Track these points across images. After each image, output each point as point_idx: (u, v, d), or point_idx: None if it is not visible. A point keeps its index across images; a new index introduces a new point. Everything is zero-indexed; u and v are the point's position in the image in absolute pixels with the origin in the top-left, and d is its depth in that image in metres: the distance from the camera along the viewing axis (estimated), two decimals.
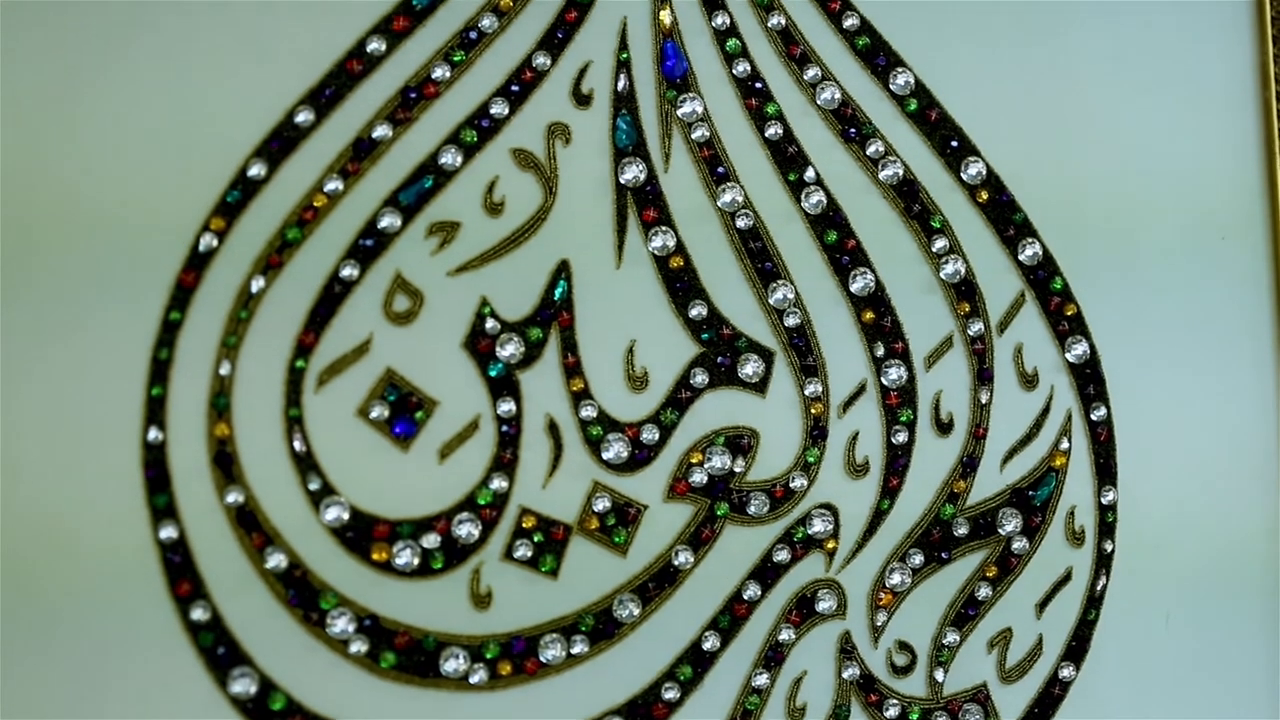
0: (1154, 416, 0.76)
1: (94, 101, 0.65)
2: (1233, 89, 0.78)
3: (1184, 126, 0.77)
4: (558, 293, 0.70)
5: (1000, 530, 0.74)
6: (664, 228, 0.71)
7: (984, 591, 0.74)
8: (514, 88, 0.70)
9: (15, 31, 0.64)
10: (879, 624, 0.72)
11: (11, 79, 0.64)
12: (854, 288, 0.73)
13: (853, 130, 0.73)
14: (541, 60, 0.70)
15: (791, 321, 0.72)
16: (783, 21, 0.73)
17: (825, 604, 0.72)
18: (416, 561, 0.67)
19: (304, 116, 0.67)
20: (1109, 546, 0.76)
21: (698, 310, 0.71)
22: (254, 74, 0.67)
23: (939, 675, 0.72)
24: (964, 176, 0.75)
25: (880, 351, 0.73)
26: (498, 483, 0.69)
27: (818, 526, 0.72)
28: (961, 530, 0.74)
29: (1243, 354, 0.78)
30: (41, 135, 0.64)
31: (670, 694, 0.70)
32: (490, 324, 0.69)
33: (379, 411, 0.67)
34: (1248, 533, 0.78)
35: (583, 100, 0.71)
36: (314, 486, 0.66)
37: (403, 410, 0.68)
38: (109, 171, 0.65)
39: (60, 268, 0.64)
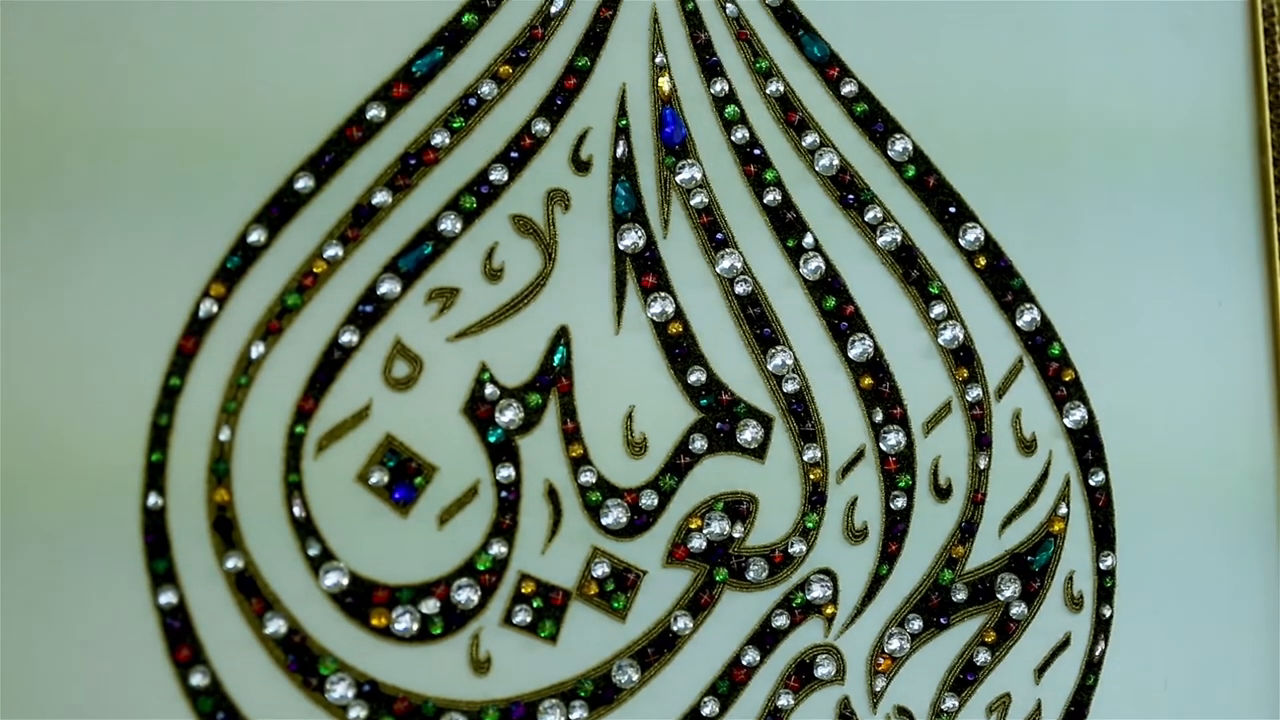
0: (1152, 482, 0.78)
1: (94, 165, 0.67)
2: (1228, 166, 0.81)
3: (1181, 198, 0.80)
4: (557, 358, 0.72)
5: (999, 595, 0.77)
6: (663, 294, 0.73)
7: (983, 656, 0.76)
8: (513, 154, 0.72)
9: (18, 107, 0.66)
10: (878, 689, 0.75)
11: (14, 152, 0.66)
12: (852, 353, 0.75)
13: (851, 196, 0.76)
14: (541, 127, 0.72)
15: (790, 387, 0.74)
16: (781, 88, 0.75)
17: (824, 669, 0.74)
18: (416, 627, 0.69)
19: (304, 183, 0.69)
20: (1108, 612, 0.78)
21: (696, 376, 0.73)
22: (253, 140, 0.69)
23: None
24: (962, 242, 0.77)
25: (879, 417, 0.75)
26: (497, 548, 0.70)
27: (816, 592, 0.74)
28: (960, 595, 0.76)
29: (1241, 422, 0.80)
30: (43, 207, 0.67)
31: None
32: (489, 390, 0.71)
33: (378, 477, 0.69)
34: (1247, 596, 0.80)
35: (582, 167, 0.73)
36: (313, 552, 0.68)
37: (402, 476, 0.70)
38: (108, 236, 0.67)
39: (60, 332, 0.66)
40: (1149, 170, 0.80)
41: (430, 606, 0.70)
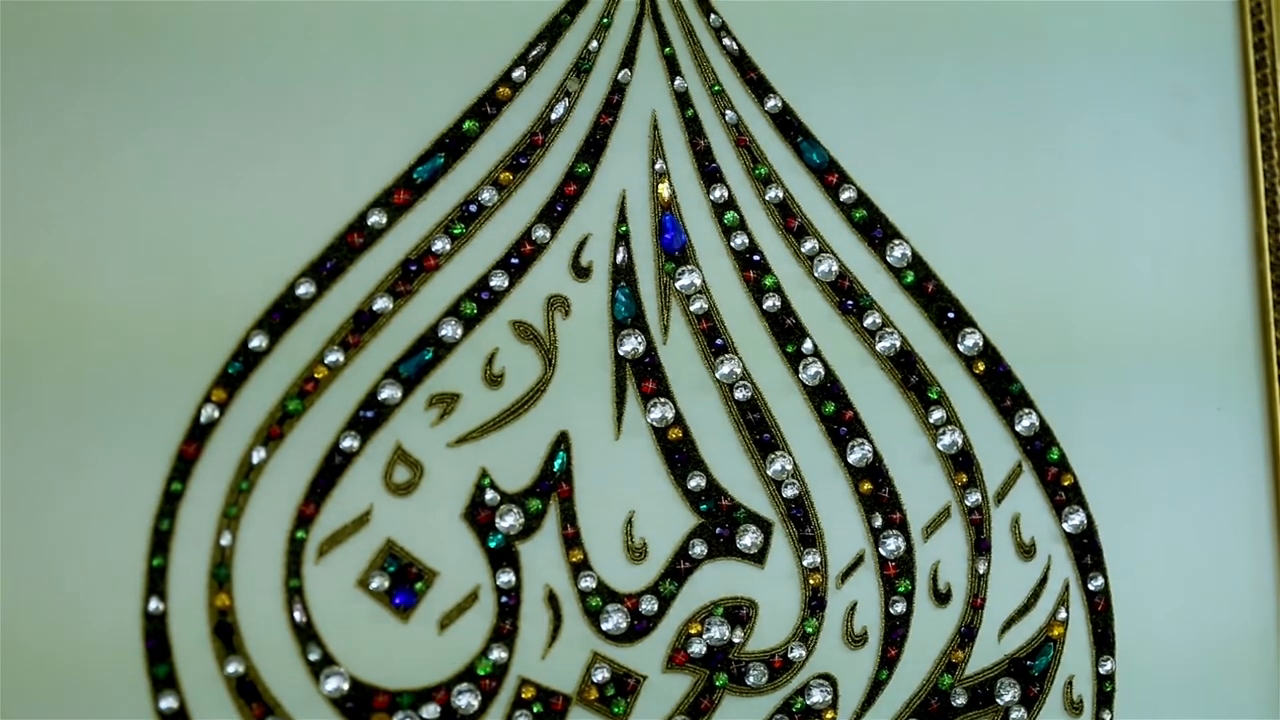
0: (1151, 586, 0.82)
1: (97, 273, 0.71)
2: (1227, 262, 0.85)
3: (1181, 296, 0.83)
4: (557, 464, 0.75)
5: (999, 700, 0.80)
6: (663, 399, 0.77)
7: None
8: (514, 260, 0.76)
9: (18, 215, 0.70)
10: None
11: (16, 256, 0.70)
12: (852, 459, 0.78)
13: (850, 302, 0.80)
14: (541, 233, 0.76)
15: (790, 492, 0.78)
16: (780, 194, 0.79)
17: None
18: None
19: (305, 289, 0.73)
20: (1107, 716, 0.81)
21: (696, 481, 0.76)
22: (255, 247, 0.73)
23: None
24: (961, 348, 0.81)
25: (878, 522, 0.79)
26: (497, 653, 0.74)
27: (816, 697, 0.77)
28: (960, 700, 0.79)
29: (1240, 523, 0.84)
30: (44, 309, 0.70)
31: None
32: (490, 495, 0.74)
33: (379, 582, 0.73)
34: (1247, 703, 0.83)
35: (582, 273, 0.77)
36: (314, 657, 0.71)
37: (403, 581, 0.73)
38: (110, 343, 0.71)
39: (62, 438, 0.70)
40: (1148, 278, 0.83)
41: (431, 712, 0.73)
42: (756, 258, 0.79)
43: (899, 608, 0.79)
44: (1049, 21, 0.84)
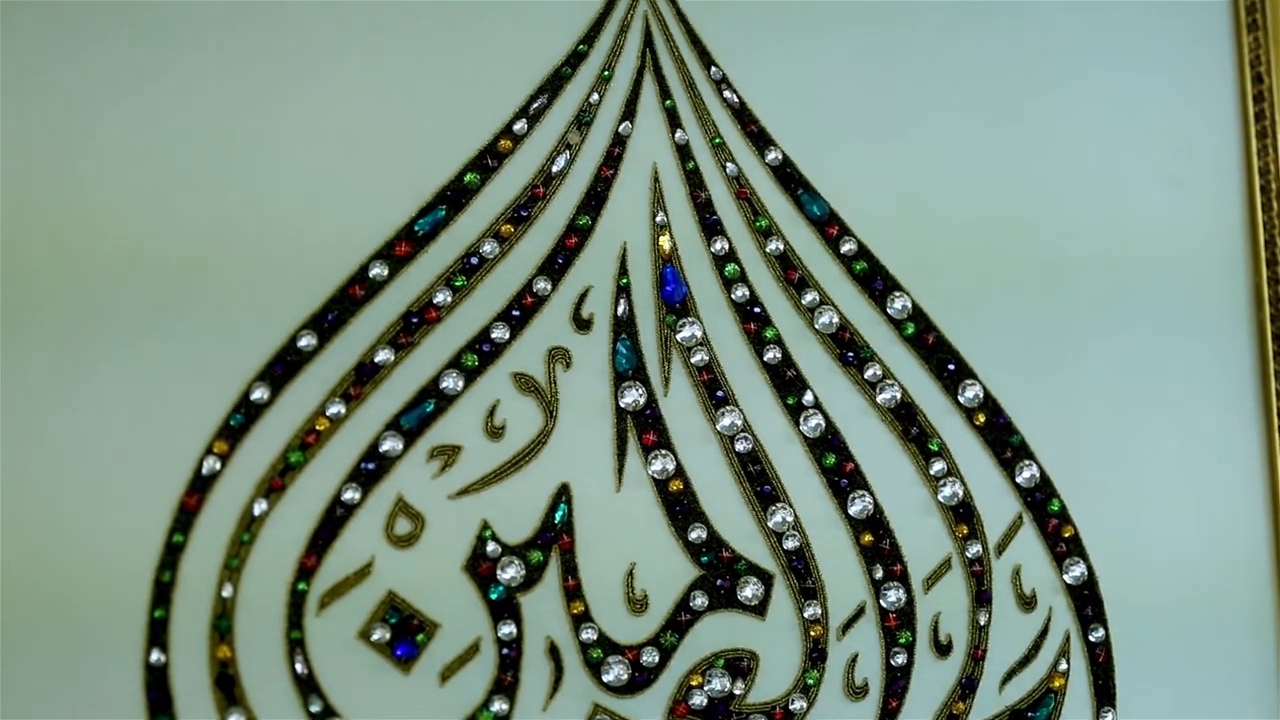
0: (1152, 638, 0.83)
1: (98, 328, 0.73)
2: (1227, 313, 0.87)
3: (1181, 346, 0.85)
4: (558, 516, 0.77)
5: None
6: (664, 451, 0.78)
7: None
8: (515, 312, 0.78)
9: (19, 294, 0.72)
10: None
11: (17, 294, 0.72)
12: (853, 510, 0.80)
13: (851, 354, 0.81)
14: (542, 285, 0.78)
15: (791, 544, 0.79)
16: (781, 246, 0.81)
17: None
18: None
19: (307, 341, 0.75)
20: None
21: (697, 533, 0.78)
22: (256, 298, 0.75)
23: None
24: (961, 399, 0.82)
25: (879, 573, 0.80)
26: (498, 705, 0.75)
27: None
28: None
29: (1241, 575, 0.85)
30: (45, 363, 0.73)
31: None
32: (491, 547, 0.76)
33: (380, 634, 0.74)
34: None
35: (583, 325, 0.79)
36: (315, 709, 0.73)
37: (404, 633, 0.75)
38: (112, 394, 0.73)
39: (64, 489, 0.72)
40: (1148, 329, 0.85)
41: None
42: (757, 310, 0.81)
43: (900, 659, 0.80)
44: (1049, 73, 0.85)
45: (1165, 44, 0.87)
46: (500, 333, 0.78)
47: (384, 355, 0.76)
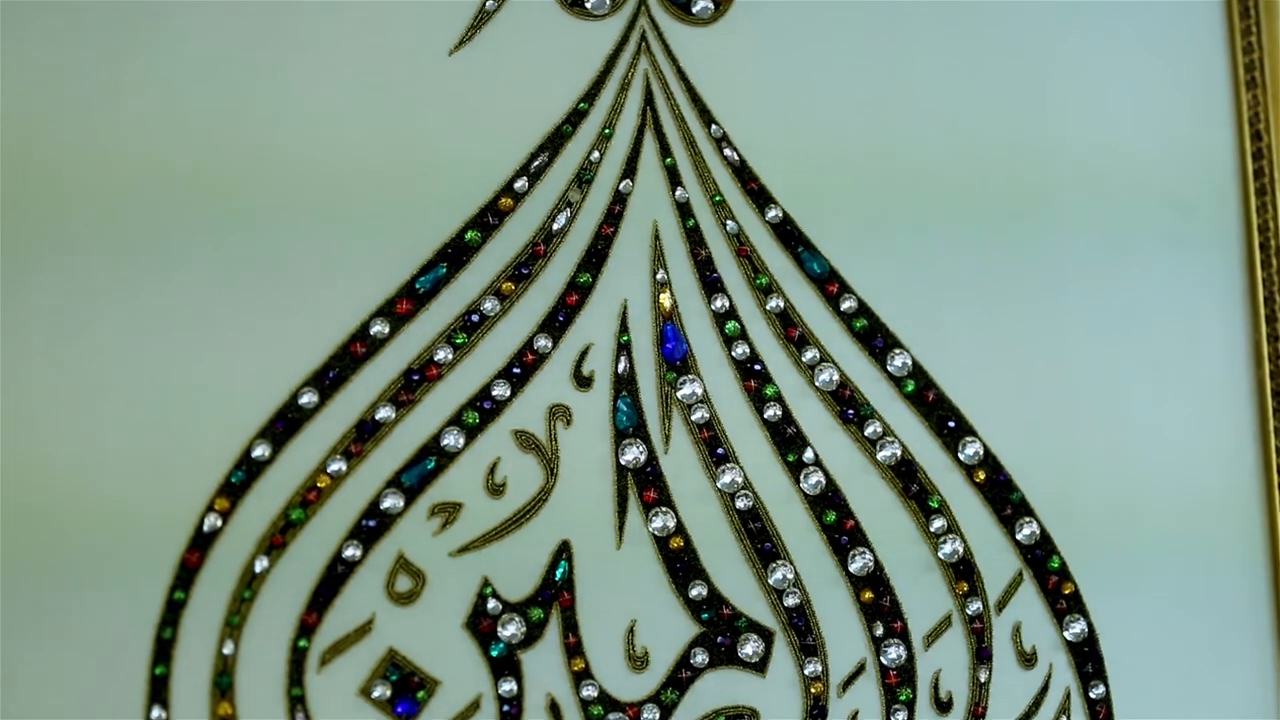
0: (1152, 696, 0.84)
1: (98, 384, 0.75)
2: (1226, 371, 0.88)
3: (1180, 405, 0.87)
4: (559, 573, 0.78)
5: None
6: (664, 508, 0.80)
7: None
8: (515, 370, 0.80)
9: (19, 320, 0.75)
10: None
11: (18, 346, 0.74)
12: (853, 567, 0.82)
13: (851, 411, 0.83)
14: (543, 343, 0.80)
15: (791, 601, 0.80)
16: (781, 304, 0.83)
17: None
18: None
19: (308, 398, 0.77)
20: None
21: (698, 590, 0.80)
22: (258, 356, 0.77)
23: None
24: (961, 457, 0.84)
25: (879, 631, 0.81)
26: None
27: None
28: None
29: (1241, 634, 0.86)
30: (46, 416, 0.75)
31: None
32: (492, 604, 0.78)
33: (381, 691, 0.76)
34: None
35: (584, 382, 0.80)
36: None
37: (405, 690, 0.76)
38: (113, 452, 0.75)
39: (64, 548, 0.74)
40: (1147, 386, 0.87)
41: None
42: (757, 367, 0.82)
43: (900, 717, 0.81)
44: (1049, 135, 0.87)
45: (1163, 101, 0.89)
46: (501, 390, 0.79)
47: (385, 412, 0.78)
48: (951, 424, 0.84)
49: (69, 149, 0.76)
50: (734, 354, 0.83)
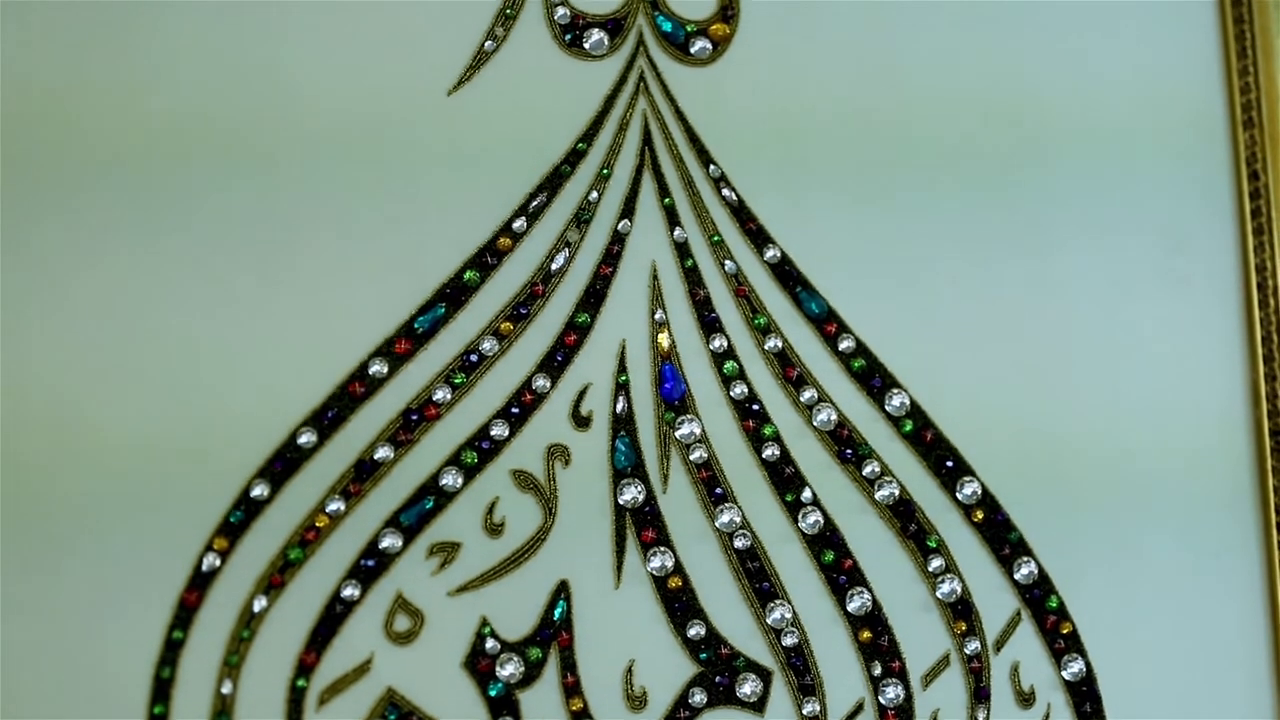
0: None
1: (98, 422, 0.76)
2: (1225, 409, 0.89)
3: (1179, 445, 0.88)
4: (557, 613, 0.79)
5: None
6: (662, 548, 0.81)
7: None
8: (514, 410, 0.81)
9: (19, 364, 0.76)
10: None
11: (18, 406, 0.75)
12: (851, 607, 0.82)
13: (849, 451, 0.84)
14: (541, 383, 0.81)
15: (789, 641, 0.81)
16: (779, 344, 0.84)
17: None
18: None
19: (306, 438, 0.78)
20: None
21: (696, 630, 0.80)
22: (256, 396, 0.78)
23: None
24: (959, 496, 0.85)
25: (878, 670, 0.82)
26: None
27: None
28: None
29: (1240, 672, 0.87)
30: (44, 455, 0.76)
31: None
32: (490, 644, 0.78)
33: None
34: None
35: (582, 422, 0.81)
36: None
37: None
38: (112, 490, 0.76)
39: (64, 584, 0.75)
40: (1147, 427, 0.88)
41: None
42: (756, 407, 0.83)
43: None
44: (1047, 172, 0.89)
45: (1161, 142, 0.90)
46: (499, 430, 0.80)
47: (383, 452, 0.79)
48: (949, 463, 0.85)
49: None
50: (732, 394, 0.84)
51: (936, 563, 0.84)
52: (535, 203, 0.83)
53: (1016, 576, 0.85)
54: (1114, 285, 0.89)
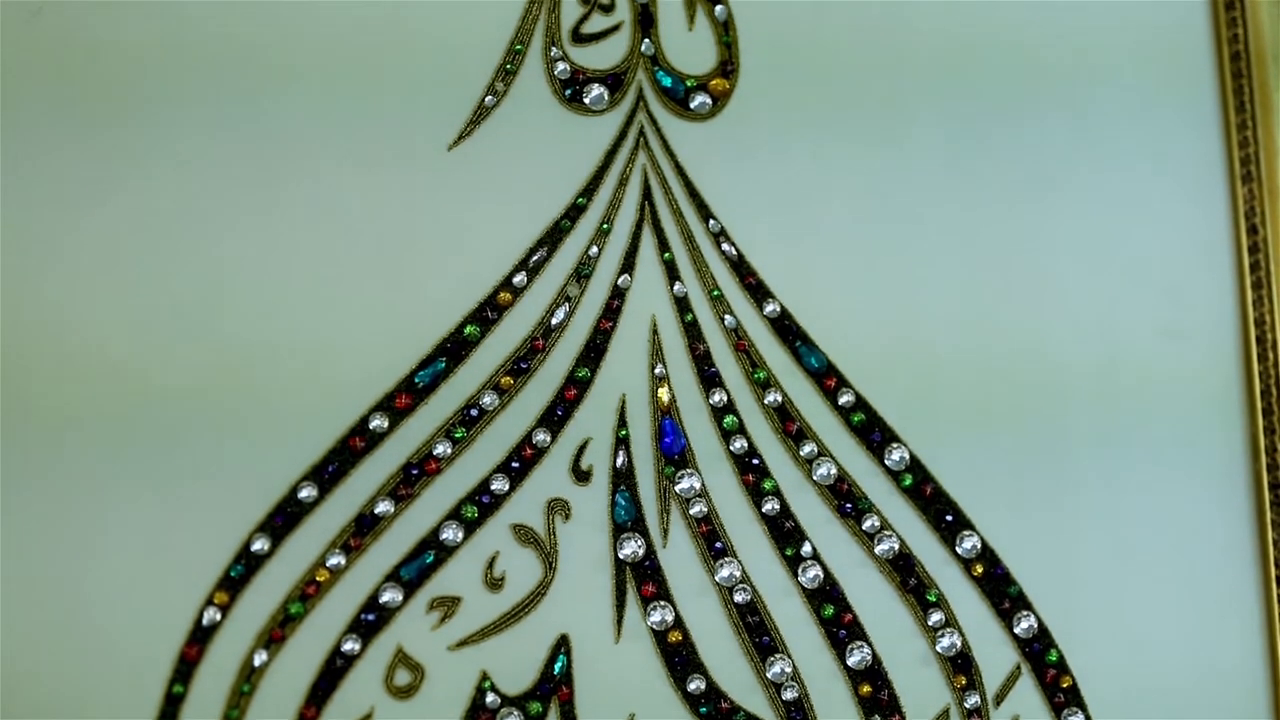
0: None
1: (98, 478, 0.77)
2: (1225, 470, 0.91)
3: (1177, 506, 0.89)
4: (557, 667, 0.80)
5: None
6: (662, 602, 0.82)
7: None
8: (514, 464, 0.82)
9: (19, 441, 0.77)
10: None
11: (16, 485, 0.76)
12: (851, 661, 0.83)
13: (849, 505, 0.85)
14: (541, 437, 0.82)
15: (789, 695, 0.82)
16: (779, 398, 0.85)
17: None
18: None
19: (307, 492, 0.79)
20: None
21: (696, 684, 0.81)
22: (257, 450, 0.79)
23: None
24: (959, 550, 0.86)
25: None
26: None
27: None
28: None
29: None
30: (43, 517, 0.77)
31: None
32: (490, 698, 0.79)
33: None
34: None
35: (582, 476, 0.82)
36: None
37: None
38: (113, 546, 0.77)
39: (64, 642, 0.76)
40: (1146, 478, 0.89)
41: None
42: (756, 461, 0.84)
43: None
44: (1045, 222, 0.91)
45: (1160, 194, 0.92)
46: (500, 484, 0.81)
47: (384, 506, 0.80)
48: (949, 518, 0.86)
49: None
50: (732, 448, 0.85)
51: (936, 617, 0.85)
52: (535, 257, 0.84)
53: (1016, 630, 0.86)
54: (1112, 338, 0.91)
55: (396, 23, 0.84)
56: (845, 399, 0.86)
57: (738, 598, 0.83)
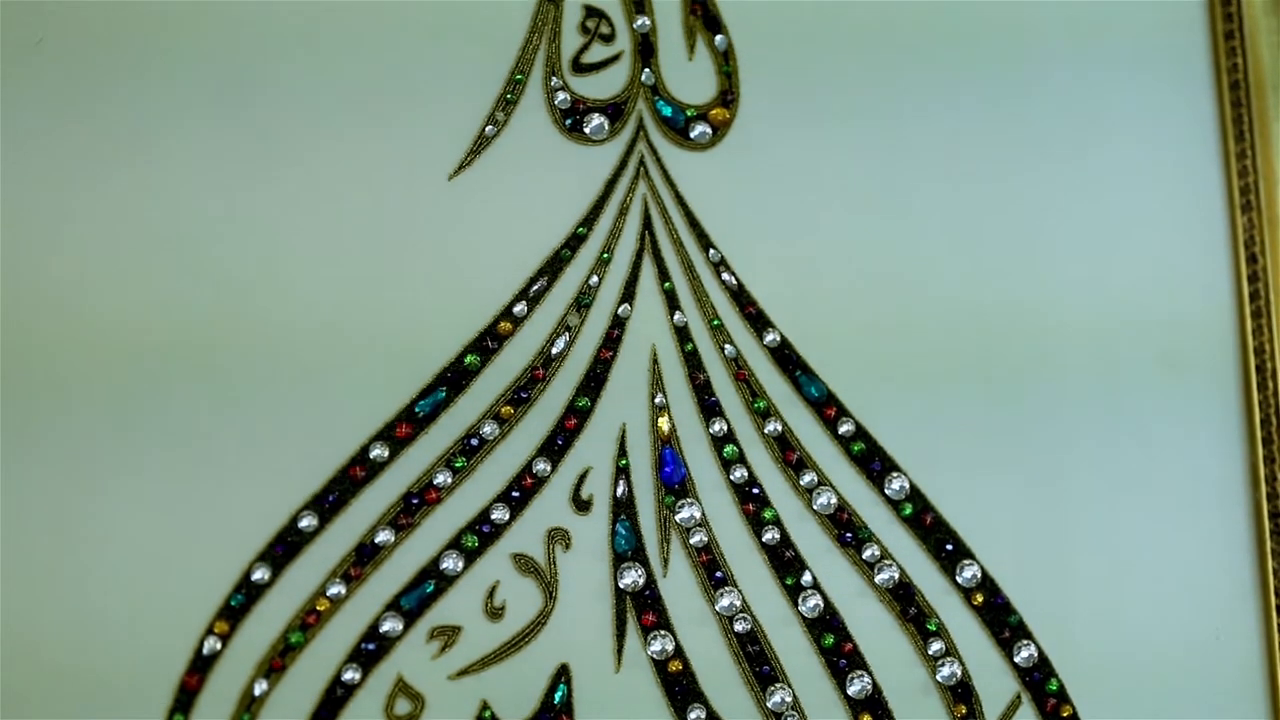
0: None
1: (98, 507, 0.78)
2: (1226, 501, 0.91)
3: (1177, 533, 0.89)
4: (558, 696, 0.80)
5: None
6: (663, 632, 0.82)
7: None
8: (515, 493, 0.82)
9: (19, 448, 0.78)
10: None
11: (17, 490, 0.77)
12: (851, 690, 0.83)
13: (849, 535, 0.85)
14: (542, 467, 0.83)
15: None
16: (779, 428, 0.85)
17: None
18: None
19: (307, 521, 0.80)
20: None
21: (696, 714, 0.81)
22: (258, 480, 0.80)
23: None
24: (959, 580, 0.86)
25: None
26: None
27: None
28: None
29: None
30: (44, 536, 0.78)
31: None
32: None
33: None
34: None
35: (582, 506, 0.83)
36: None
37: None
38: (114, 575, 0.78)
39: (65, 670, 0.76)
40: (1148, 510, 0.89)
41: None
42: (756, 491, 0.85)
43: None
44: (1046, 257, 0.91)
45: (1160, 224, 0.93)
46: (500, 514, 0.82)
47: (384, 536, 0.81)
48: (949, 547, 0.86)
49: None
50: (732, 477, 0.85)
51: (936, 646, 0.85)
52: (536, 287, 0.85)
53: (1017, 659, 0.86)
54: (1112, 368, 0.91)
55: (397, 53, 0.85)
56: (845, 428, 0.86)
57: (738, 627, 0.83)
